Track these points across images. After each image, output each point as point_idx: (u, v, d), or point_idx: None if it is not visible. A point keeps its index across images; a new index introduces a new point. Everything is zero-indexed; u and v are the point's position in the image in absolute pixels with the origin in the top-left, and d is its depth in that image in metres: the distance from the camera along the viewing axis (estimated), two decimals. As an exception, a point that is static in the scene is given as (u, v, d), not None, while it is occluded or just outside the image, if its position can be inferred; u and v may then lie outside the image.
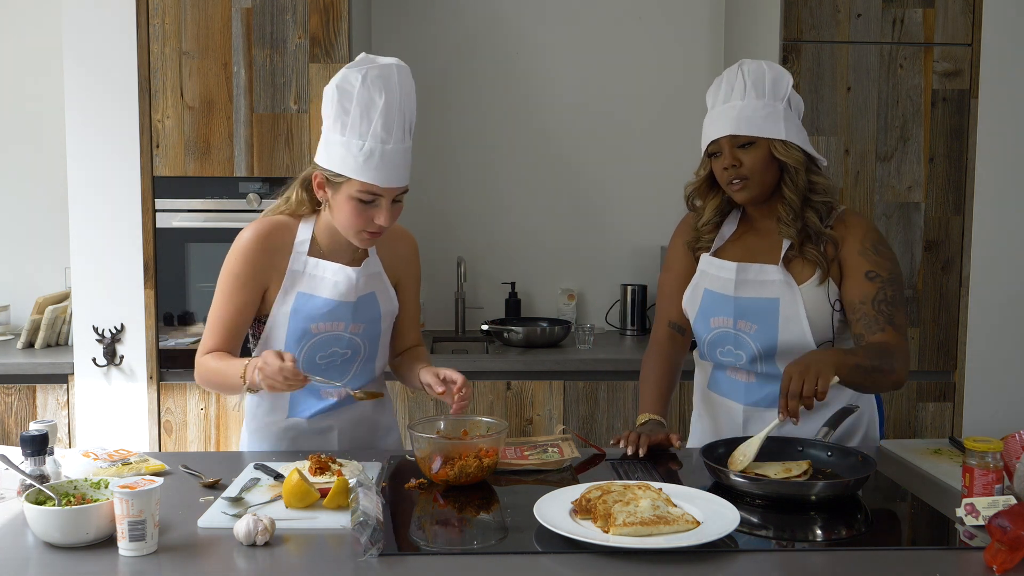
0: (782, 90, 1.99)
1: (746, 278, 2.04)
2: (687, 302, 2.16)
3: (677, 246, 2.21)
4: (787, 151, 1.97)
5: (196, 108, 3.06)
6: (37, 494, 1.52)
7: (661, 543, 1.44)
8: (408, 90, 1.90)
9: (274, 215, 2.02)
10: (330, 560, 1.45)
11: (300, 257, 1.98)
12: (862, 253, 1.99)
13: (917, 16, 3.23)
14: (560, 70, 3.78)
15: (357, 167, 1.85)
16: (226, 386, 1.93)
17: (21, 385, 3.14)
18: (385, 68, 1.87)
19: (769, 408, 2.05)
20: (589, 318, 3.83)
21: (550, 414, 3.24)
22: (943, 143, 3.28)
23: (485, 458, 1.78)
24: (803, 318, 1.99)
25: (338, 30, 3.05)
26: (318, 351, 2.00)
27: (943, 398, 3.34)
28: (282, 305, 1.98)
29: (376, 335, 2.07)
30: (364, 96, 1.84)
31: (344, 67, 1.88)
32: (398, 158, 1.88)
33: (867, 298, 1.96)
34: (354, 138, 1.85)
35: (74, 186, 3.07)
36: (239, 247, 1.96)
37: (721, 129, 1.99)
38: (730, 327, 2.05)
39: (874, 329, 1.94)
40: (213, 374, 1.94)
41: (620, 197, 3.82)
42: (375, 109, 1.84)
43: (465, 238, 3.81)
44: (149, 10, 3.03)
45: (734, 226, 2.13)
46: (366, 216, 1.90)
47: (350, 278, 1.99)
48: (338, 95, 1.86)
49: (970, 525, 1.57)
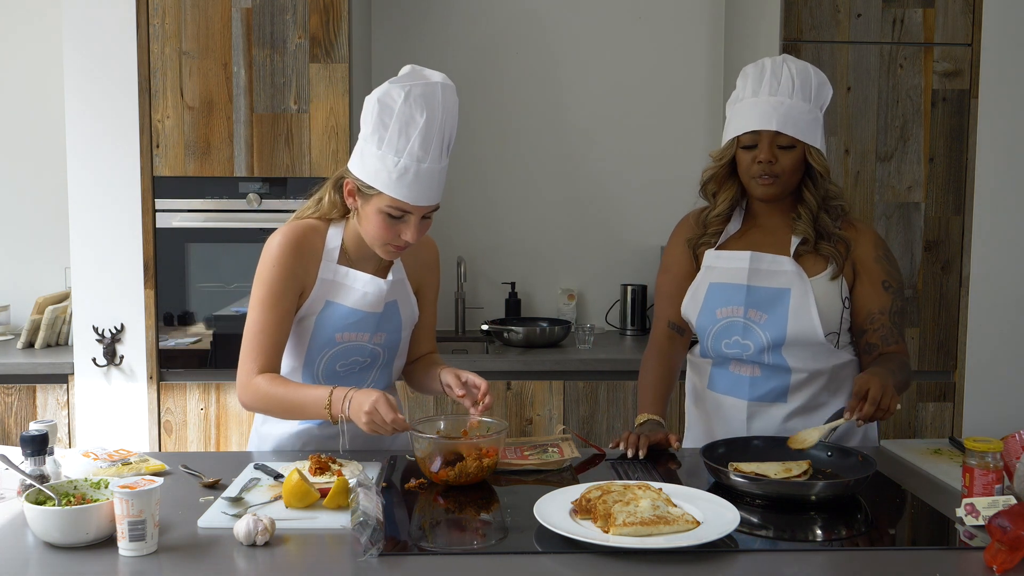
0: (823, 98, 2.03)
1: (759, 267, 2.05)
2: (689, 301, 2.14)
3: (677, 247, 2.21)
4: (820, 159, 2.00)
5: (196, 108, 3.06)
6: (37, 494, 1.52)
7: (661, 543, 1.44)
8: (451, 109, 1.86)
9: (304, 218, 1.98)
10: (330, 560, 1.45)
11: (330, 265, 1.94)
12: (877, 261, 2.06)
13: (917, 16, 3.23)
14: (559, 70, 3.78)
15: (390, 182, 1.82)
16: (295, 414, 1.89)
17: (21, 385, 3.14)
18: (430, 87, 1.82)
19: (775, 403, 2.06)
20: (589, 318, 3.83)
21: (550, 414, 3.24)
22: (943, 143, 3.28)
23: (485, 458, 1.78)
24: (813, 310, 2.00)
25: (338, 30, 3.05)
26: (339, 359, 1.99)
27: (943, 398, 3.34)
28: (311, 313, 1.94)
29: (396, 343, 2.05)
30: (405, 113, 1.81)
31: (388, 80, 1.84)
32: (433, 177, 1.84)
33: (885, 309, 2.04)
34: (390, 153, 1.81)
35: (74, 186, 3.07)
36: (272, 255, 1.89)
37: (767, 122, 1.97)
38: (740, 316, 2.05)
39: (890, 341, 2.04)
40: (279, 401, 1.87)
41: (620, 197, 3.82)
42: (415, 127, 1.81)
43: (465, 238, 3.81)
44: (149, 10, 3.03)
45: (739, 222, 2.14)
46: (394, 231, 1.87)
47: (380, 289, 1.96)
48: (379, 108, 1.82)
49: (970, 525, 1.57)
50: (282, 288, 1.89)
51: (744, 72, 2.08)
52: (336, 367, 1.99)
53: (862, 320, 2.06)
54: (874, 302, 2.05)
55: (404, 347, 2.10)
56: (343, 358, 1.98)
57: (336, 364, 1.99)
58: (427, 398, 3.20)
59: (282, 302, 1.89)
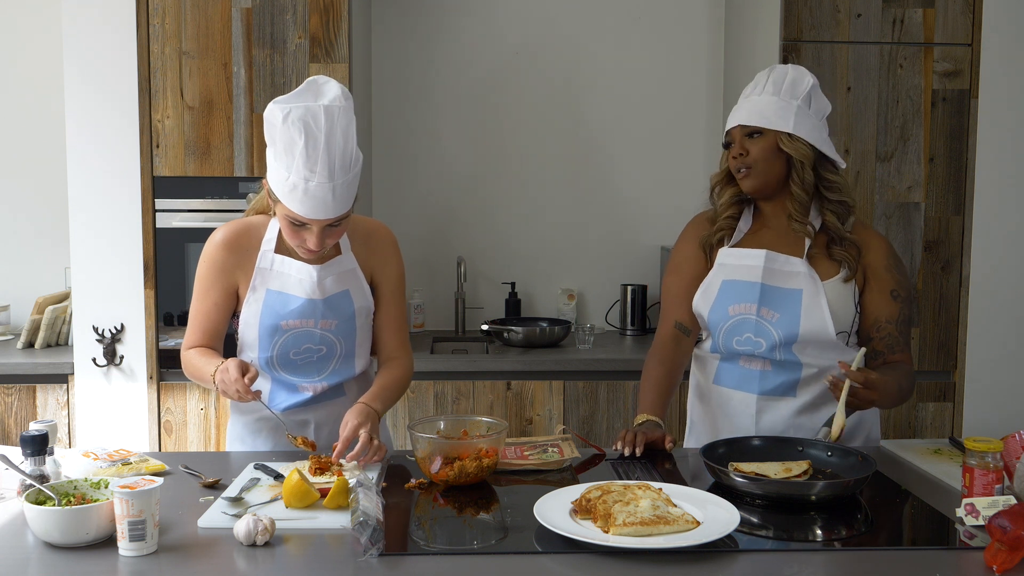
0: (800, 89, 2.06)
1: (773, 267, 2.08)
2: (700, 298, 2.15)
3: (688, 247, 2.22)
4: (792, 144, 2.03)
5: (196, 108, 3.06)
6: (37, 494, 1.52)
7: (661, 543, 1.44)
8: (335, 131, 1.84)
9: (250, 213, 2.10)
10: (330, 560, 1.45)
11: (267, 255, 2.03)
12: (888, 270, 2.09)
13: (917, 16, 3.23)
14: (559, 70, 3.78)
15: (284, 195, 1.87)
16: (203, 382, 2.00)
17: (21, 385, 3.14)
18: (311, 110, 1.82)
19: (784, 397, 2.08)
20: (589, 318, 3.83)
21: (550, 414, 3.24)
22: (943, 143, 3.28)
23: (485, 458, 1.78)
24: (825, 312, 2.03)
25: (338, 30, 3.05)
26: (291, 347, 2.03)
27: (943, 398, 3.34)
28: (252, 302, 2.02)
29: (351, 332, 2.07)
30: (285, 134, 1.84)
31: (275, 99, 1.87)
32: (326, 193, 1.84)
33: (892, 319, 2.08)
34: (281, 168, 1.86)
35: (74, 186, 3.07)
36: (206, 250, 2.03)
37: (733, 120, 2.10)
38: (752, 314, 2.07)
39: (895, 350, 2.08)
40: (194, 369, 2.02)
41: (620, 197, 3.82)
42: (296, 148, 1.83)
43: (465, 238, 3.81)
44: (149, 10, 3.03)
45: (749, 222, 2.17)
46: (300, 236, 1.93)
47: (312, 276, 2.01)
48: (265, 125, 1.88)
49: (970, 525, 1.57)
50: (211, 281, 2.02)
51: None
52: (290, 355, 2.04)
53: (869, 327, 2.09)
54: (882, 311, 2.07)
55: (364, 337, 2.11)
56: (294, 346, 2.03)
57: (290, 352, 2.03)
58: (427, 398, 3.20)
59: (210, 294, 2.03)
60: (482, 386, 3.23)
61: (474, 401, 3.22)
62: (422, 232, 3.79)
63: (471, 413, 3.16)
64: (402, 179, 3.79)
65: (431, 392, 3.22)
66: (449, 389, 3.22)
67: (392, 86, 3.75)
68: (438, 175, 3.79)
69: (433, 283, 3.79)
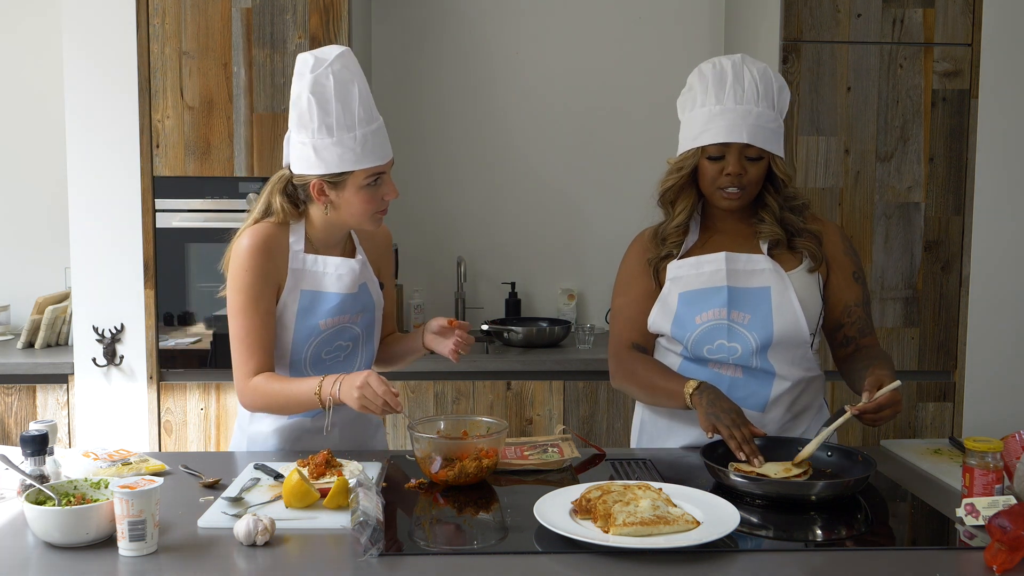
0: (784, 103, 2.00)
1: (736, 267, 2.00)
2: (659, 315, 2.04)
3: (634, 267, 2.11)
4: (783, 168, 1.98)
5: (196, 108, 3.06)
6: (37, 494, 1.52)
7: (661, 543, 1.44)
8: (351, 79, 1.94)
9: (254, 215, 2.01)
10: (330, 560, 1.45)
11: (299, 255, 1.98)
12: (846, 253, 2.06)
13: (917, 16, 3.23)
14: (560, 70, 3.78)
15: (357, 158, 1.89)
16: (293, 407, 1.94)
17: (21, 385, 3.14)
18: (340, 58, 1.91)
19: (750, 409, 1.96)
20: (589, 318, 3.83)
21: (550, 414, 3.24)
22: (943, 143, 3.28)
23: (485, 458, 1.78)
24: (796, 305, 1.97)
25: (338, 30, 3.05)
26: (324, 347, 2.02)
27: (943, 398, 3.34)
28: (289, 306, 1.97)
29: (371, 323, 2.10)
30: (340, 91, 1.88)
31: (299, 75, 1.89)
32: (382, 133, 1.96)
33: (859, 301, 2.06)
34: (345, 133, 1.88)
35: (74, 186, 3.07)
36: (242, 259, 1.93)
37: (736, 134, 1.91)
38: (723, 318, 1.98)
39: (866, 332, 2.06)
40: (275, 397, 1.92)
41: (621, 197, 3.82)
42: (353, 98, 1.89)
43: (465, 238, 3.81)
44: (149, 10, 3.03)
45: (696, 233, 2.08)
46: (376, 197, 1.94)
47: (353, 269, 2.02)
48: (316, 100, 1.87)
49: (970, 525, 1.57)
50: (259, 291, 1.93)
51: (701, 72, 2.00)
52: (322, 355, 2.03)
53: (839, 314, 2.04)
54: (849, 295, 2.04)
55: (378, 332, 2.14)
56: (327, 345, 2.02)
57: (322, 352, 2.02)
58: (427, 398, 3.20)
59: (261, 303, 1.93)
60: (482, 386, 3.23)
61: (474, 401, 3.23)
62: (422, 232, 3.79)
63: (471, 413, 3.17)
64: (402, 179, 3.79)
65: (431, 392, 3.22)
66: (449, 389, 3.23)
67: (392, 86, 3.75)
68: (438, 175, 3.79)
69: (433, 283, 3.78)
